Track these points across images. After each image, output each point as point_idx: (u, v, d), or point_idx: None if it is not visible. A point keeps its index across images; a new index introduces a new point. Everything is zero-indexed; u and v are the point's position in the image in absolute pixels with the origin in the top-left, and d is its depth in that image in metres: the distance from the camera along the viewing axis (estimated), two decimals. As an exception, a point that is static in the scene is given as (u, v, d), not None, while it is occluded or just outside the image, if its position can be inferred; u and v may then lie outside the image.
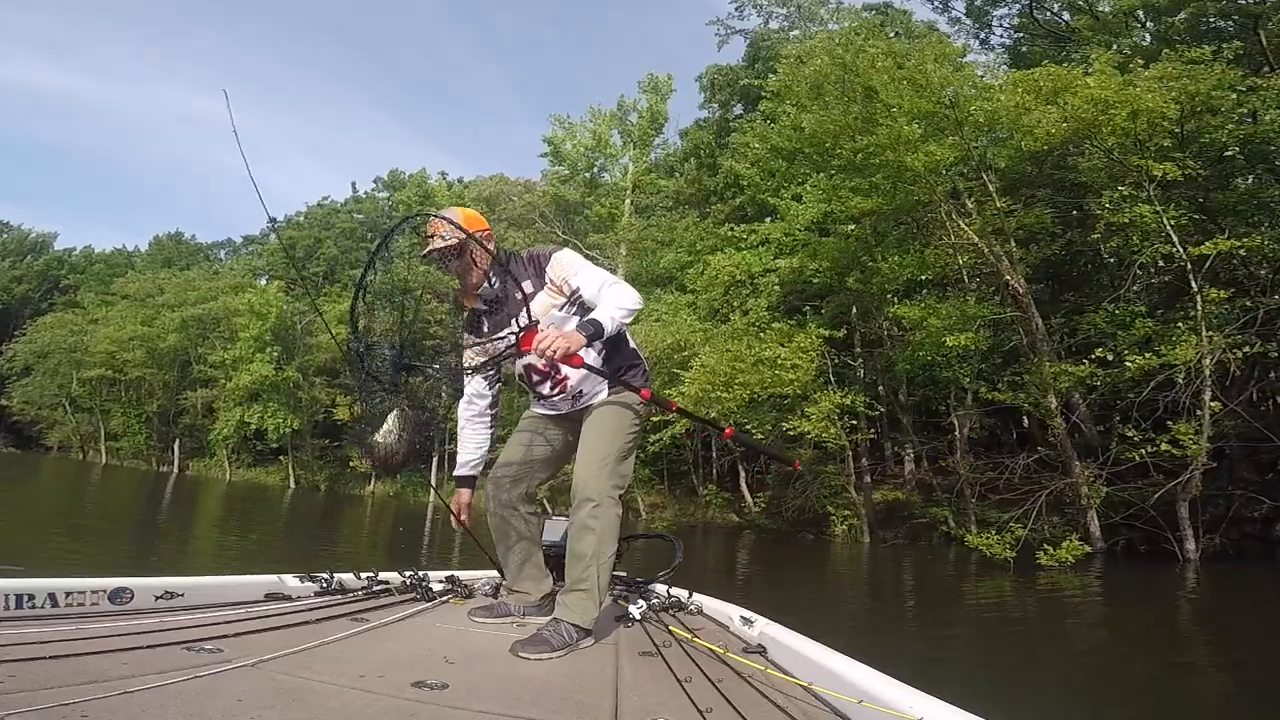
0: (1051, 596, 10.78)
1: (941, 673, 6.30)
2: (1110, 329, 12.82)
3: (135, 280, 47.84)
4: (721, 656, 2.26)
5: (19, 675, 1.49)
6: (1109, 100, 11.84)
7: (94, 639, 1.85)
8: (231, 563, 11.53)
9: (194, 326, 40.62)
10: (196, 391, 40.02)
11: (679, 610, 3.06)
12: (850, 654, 1.99)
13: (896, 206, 15.57)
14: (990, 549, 12.70)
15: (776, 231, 20.31)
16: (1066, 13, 23.11)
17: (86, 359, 43.10)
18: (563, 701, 1.79)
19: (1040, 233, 15.44)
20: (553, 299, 2.67)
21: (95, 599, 2.25)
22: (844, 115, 14.63)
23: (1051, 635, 8.69)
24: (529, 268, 2.72)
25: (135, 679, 1.54)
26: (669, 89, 35.15)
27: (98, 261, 62.49)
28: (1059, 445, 13.54)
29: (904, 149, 13.49)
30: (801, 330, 17.08)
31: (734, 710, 1.71)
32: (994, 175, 14.80)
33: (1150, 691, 6.12)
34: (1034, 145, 13.37)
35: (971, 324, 13.82)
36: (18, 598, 2.08)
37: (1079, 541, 12.20)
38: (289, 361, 36.51)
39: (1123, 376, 12.04)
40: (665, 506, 24.08)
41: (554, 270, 2.67)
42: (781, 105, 18.46)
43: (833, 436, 16.04)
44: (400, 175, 50.34)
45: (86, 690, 1.44)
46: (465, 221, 2.62)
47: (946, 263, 15.69)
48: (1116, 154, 12.38)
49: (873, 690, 1.68)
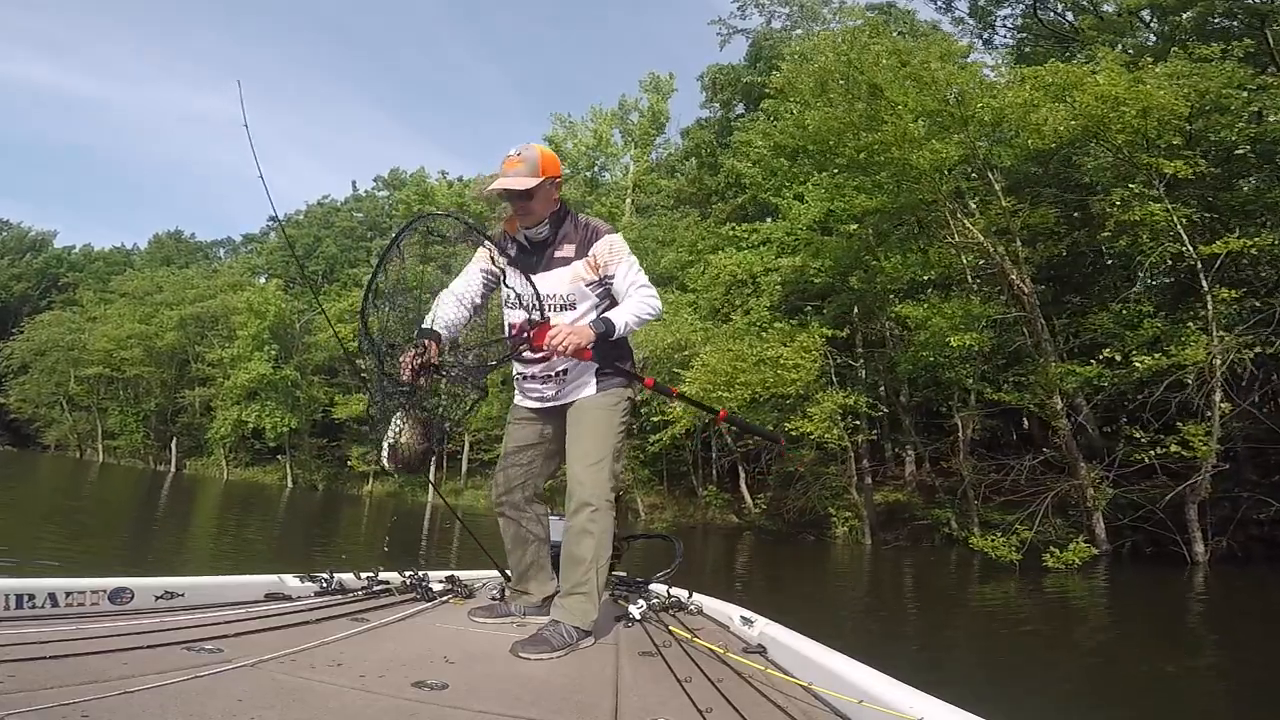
0: (1057, 599, 10.67)
1: (945, 675, 6.23)
2: (1117, 329, 12.66)
3: (134, 278, 47.67)
4: (721, 656, 2.26)
5: (19, 675, 1.49)
6: (1119, 97, 11.69)
7: (94, 639, 1.86)
8: (226, 563, 11.41)
9: (192, 325, 40.43)
10: (194, 390, 39.82)
11: (679, 610, 3.06)
12: (853, 656, 1.99)
13: (901, 205, 15.41)
14: (996, 551, 12.56)
15: (778, 231, 20.20)
16: (1070, 13, 23.06)
17: (84, 357, 42.87)
18: (563, 701, 1.80)
19: (1045, 233, 15.29)
20: (585, 274, 2.66)
21: (95, 599, 2.26)
22: (848, 113, 14.48)
23: (1057, 638, 8.56)
24: (580, 233, 2.71)
25: (135, 679, 1.55)
26: (670, 88, 35.17)
27: (97, 259, 62.48)
28: (1064, 447, 13.38)
29: (909, 146, 13.35)
30: (804, 330, 16.91)
31: (734, 710, 1.72)
32: (999, 174, 14.64)
33: (1153, 692, 6.04)
34: (1040, 143, 13.24)
35: (977, 324, 13.67)
36: (18, 598, 2.08)
37: (1085, 544, 12.06)
38: (287, 360, 36.34)
39: (1130, 377, 11.89)
40: (664, 507, 23.96)
41: (599, 248, 2.66)
42: (785, 103, 18.30)
43: (835, 438, 15.87)
44: (400, 174, 50.21)
45: (87, 690, 1.44)
46: (543, 163, 2.62)
47: (950, 263, 15.53)
48: (1126, 151, 12.21)
49: (873, 690, 1.68)
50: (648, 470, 24.06)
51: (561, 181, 2.74)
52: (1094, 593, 11.02)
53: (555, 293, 2.67)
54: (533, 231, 2.69)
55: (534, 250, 2.71)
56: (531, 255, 2.71)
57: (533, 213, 2.64)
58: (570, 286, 2.65)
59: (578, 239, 2.68)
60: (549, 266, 2.66)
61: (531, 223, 2.67)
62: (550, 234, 2.69)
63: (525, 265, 2.66)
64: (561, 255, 2.66)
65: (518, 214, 2.67)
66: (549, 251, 2.68)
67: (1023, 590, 11.20)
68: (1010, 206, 14.52)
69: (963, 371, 15.81)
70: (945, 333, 13.77)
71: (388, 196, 50.27)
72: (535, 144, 2.71)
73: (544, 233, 2.68)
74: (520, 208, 2.64)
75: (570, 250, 2.66)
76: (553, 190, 2.67)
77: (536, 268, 2.65)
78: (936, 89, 13.62)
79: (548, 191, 2.64)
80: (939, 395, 19.51)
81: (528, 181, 2.57)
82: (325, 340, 35.54)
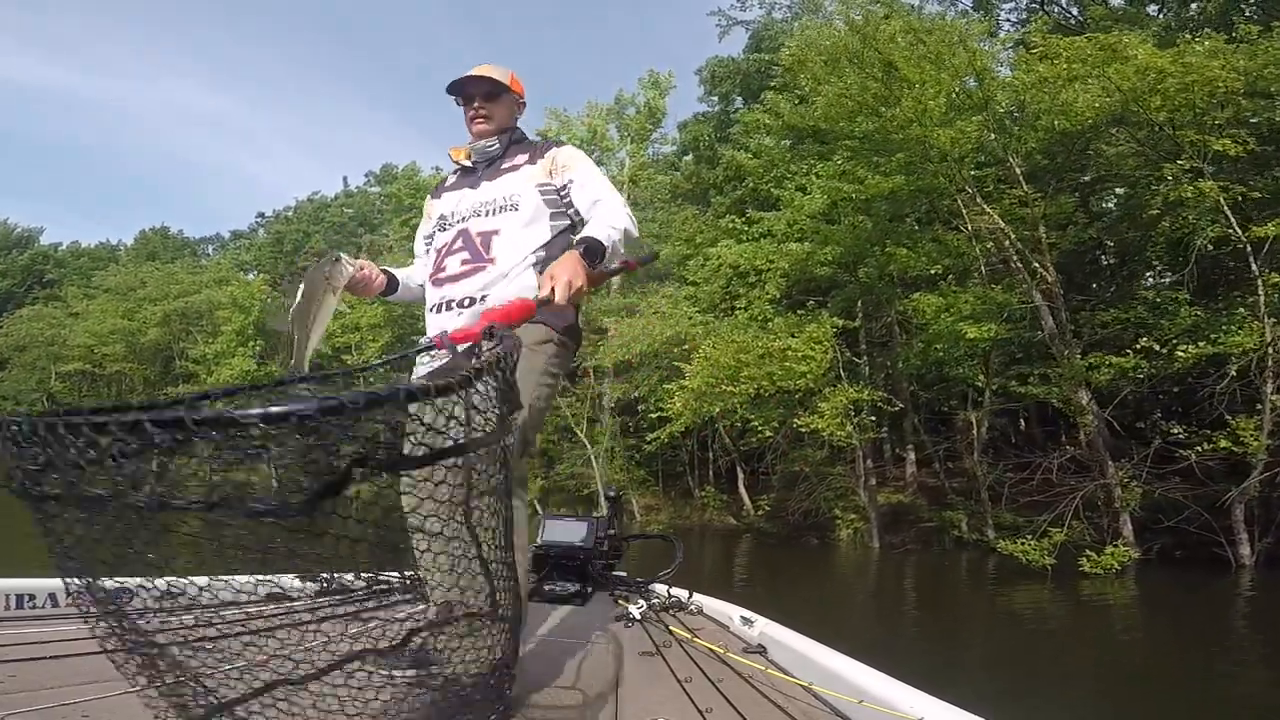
0: (1093, 606, 9.99)
1: (979, 691, 5.63)
2: (1152, 319, 11.94)
3: (117, 273, 46.64)
4: (722, 656, 2.26)
5: (20, 675, 1.52)
6: (1164, 69, 11.00)
7: (94, 639, 1.71)
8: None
9: (176, 320, 39.52)
10: (178, 387, 38.80)
11: (679, 610, 3.02)
12: (854, 658, 1.93)
13: (918, 188, 14.70)
14: (1028, 556, 11.75)
15: (780, 223, 19.52)
16: (1075, 7, 22.58)
17: (65, 353, 41.92)
18: (563, 701, 1.79)
19: (1068, 220, 14.64)
20: (539, 176, 2.26)
21: None
22: (862, 91, 13.78)
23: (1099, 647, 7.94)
24: (534, 148, 2.37)
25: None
26: (669, 85, 34.54)
27: (82, 256, 61.75)
28: (1090, 444, 12.65)
29: (930, 122, 12.67)
30: (814, 320, 16.13)
31: (734, 710, 1.72)
32: (1020, 159, 13.93)
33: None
34: (1068, 124, 12.57)
35: (999, 313, 12.98)
36: (18, 598, 2.11)
37: (1125, 547, 11.33)
38: (272, 356, 35.50)
39: (1170, 368, 11.16)
40: (660, 509, 23.35)
41: (558, 154, 2.31)
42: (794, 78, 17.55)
43: (844, 436, 15.11)
44: (393, 169, 49.57)
45: (87, 690, 1.46)
46: (510, 81, 2.39)
47: (965, 251, 14.82)
48: (1169, 128, 11.48)
49: (873, 690, 1.66)
50: (643, 470, 23.44)
51: (524, 107, 2.48)
52: (1130, 598, 10.32)
53: (495, 196, 2.25)
54: (482, 145, 2.36)
55: (484, 169, 2.36)
56: (476, 174, 2.36)
57: (492, 117, 2.35)
58: (518, 187, 2.24)
59: (530, 150, 2.35)
60: (495, 177, 2.30)
61: (487, 131, 2.35)
62: (501, 149, 2.36)
63: (467, 185, 2.34)
64: (511, 165, 2.31)
65: (476, 117, 2.35)
66: (498, 164, 2.34)
67: (1053, 597, 10.50)
68: (1028, 195, 13.83)
69: (972, 368, 15.18)
70: (960, 324, 13.08)
71: (379, 192, 49.65)
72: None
73: (494, 146, 2.36)
74: (481, 108, 2.34)
75: (522, 159, 2.31)
76: (515, 110, 2.42)
77: (479, 183, 2.31)
78: (955, 70, 12.97)
79: (512, 104, 2.40)
80: (942, 394, 18.98)
81: (501, 73, 2.35)
82: (312, 336, 34.71)
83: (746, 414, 16.00)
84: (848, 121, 14.82)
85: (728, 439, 20.85)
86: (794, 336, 15.11)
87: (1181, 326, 11.39)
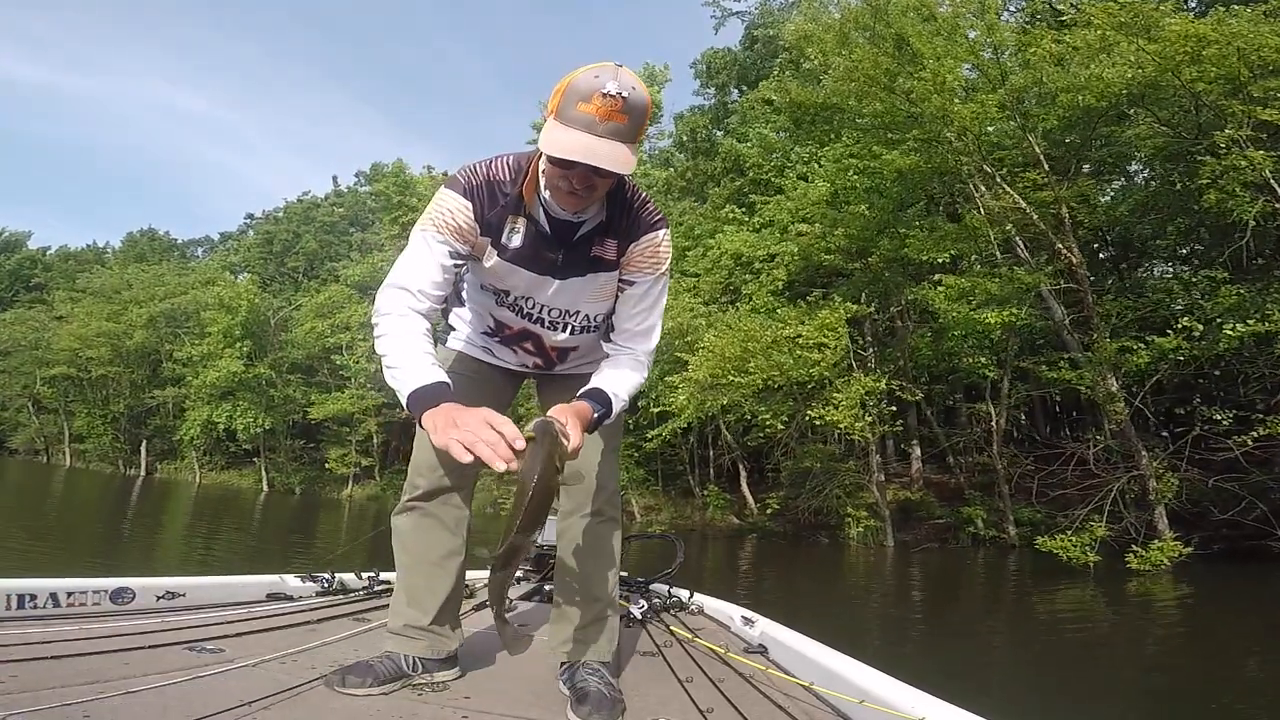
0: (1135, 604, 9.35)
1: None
2: (1189, 300, 11.35)
3: (102, 275, 45.85)
4: (723, 656, 2.23)
5: (21, 675, 1.49)
6: (1205, 36, 10.38)
7: (96, 639, 1.85)
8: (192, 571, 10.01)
9: (163, 323, 38.81)
10: (165, 390, 38.04)
11: (680, 610, 3.01)
12: (856, 657, 1.89)
13: (934, 167, 14.06)
14: (1068, 553, 11.09)
15: (782, 212, 18.90)
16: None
17: (49, 357, 41.15)
18: (563, 701, 1.74)
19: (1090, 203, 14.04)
20: (607, 292, 1.80)
21: (97, 599, 2.24)
22: (874, 66, 13.14)
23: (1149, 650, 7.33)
24: (628, 218, 1.75)
25: (137, 679, 1.54)
26: (665, 78, 34.01)
27: (70, 259, 61.12)
28: (1123, 433, 12.03)
29: (948, 95, 12.06)
30: (826, 305, 15.42)
31: (735, 710, 1.69)
32: (1038, 138, 13.32)
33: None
34: (1092, 100, 11.98)
35: (1025, 297, 12.38)
36: (19, 598, 2.07)
37: (1174, 541, 10.71)
38: (261, 357, 34.76)
39: (1214, 349, 10.53)
40: (661, 509, 22.73)
41: (644, 248, 1.76)
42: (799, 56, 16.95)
43: (860, 430, 14.42)
44: (381, 168, 48.94)
45: (88, 690, 1.44)
46: (648, 114, 1.58)
47: (981, 233, 14.16)
48: (1208, 98, 10.87)
49: (874, 690, 1.64)
50: (643, 470, 22.77)
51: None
52: (1180, 596, 9.65)
53: (578, 307, 1.80)
54: (583, 210, 1.68)
55: (558, 236, 1.71)
56: (554, 244, 1.71)
57: (597, 188, 1.60)
58: (599, 306, 1.81)
59: (624, 226, 1.73)
60: (577, 268, 1.74)
61: (587, 206, 1.66)
62: (596, 220, 1.72)
63: (537, 258, 1.72)
64: (599, 254, 1.74)
65: (578, 194, 1.59)
66: (586, 248, 1.73)
67: (1096, 595, 9.84)
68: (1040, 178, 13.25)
69: (987, 358, 14.58)
70: (979, 311, 12.47)
71: (369, 191, 49.03)
72: (629, 70, 1.52)
73: (587, 216, 1.70)
74: (594, 193, 1.62)
75: (612, 249, 1.74)
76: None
77: (559, 265, 1.73)
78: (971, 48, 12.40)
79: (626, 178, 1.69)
80: (953, 386, 18.45)
81: (630, 160, 1.50)
82: (301, 337, 34.02)
83: (754, 407, 15.33)
84: (857, 100, 14.18)
85: (729, 437, 20.26)
86: (804, 324, 14.43)
87: (1221, 306, 10.76)
